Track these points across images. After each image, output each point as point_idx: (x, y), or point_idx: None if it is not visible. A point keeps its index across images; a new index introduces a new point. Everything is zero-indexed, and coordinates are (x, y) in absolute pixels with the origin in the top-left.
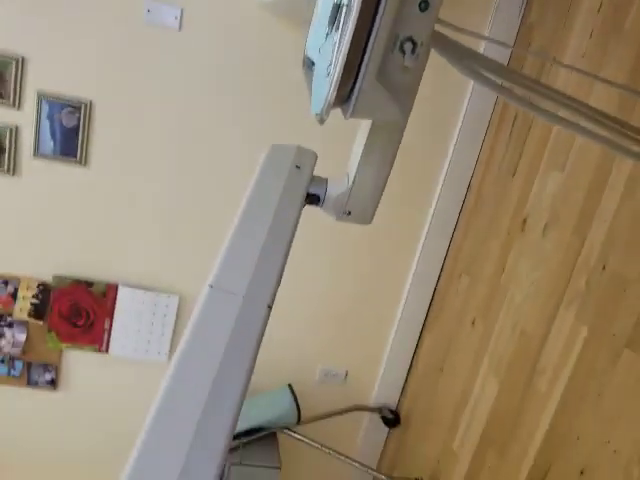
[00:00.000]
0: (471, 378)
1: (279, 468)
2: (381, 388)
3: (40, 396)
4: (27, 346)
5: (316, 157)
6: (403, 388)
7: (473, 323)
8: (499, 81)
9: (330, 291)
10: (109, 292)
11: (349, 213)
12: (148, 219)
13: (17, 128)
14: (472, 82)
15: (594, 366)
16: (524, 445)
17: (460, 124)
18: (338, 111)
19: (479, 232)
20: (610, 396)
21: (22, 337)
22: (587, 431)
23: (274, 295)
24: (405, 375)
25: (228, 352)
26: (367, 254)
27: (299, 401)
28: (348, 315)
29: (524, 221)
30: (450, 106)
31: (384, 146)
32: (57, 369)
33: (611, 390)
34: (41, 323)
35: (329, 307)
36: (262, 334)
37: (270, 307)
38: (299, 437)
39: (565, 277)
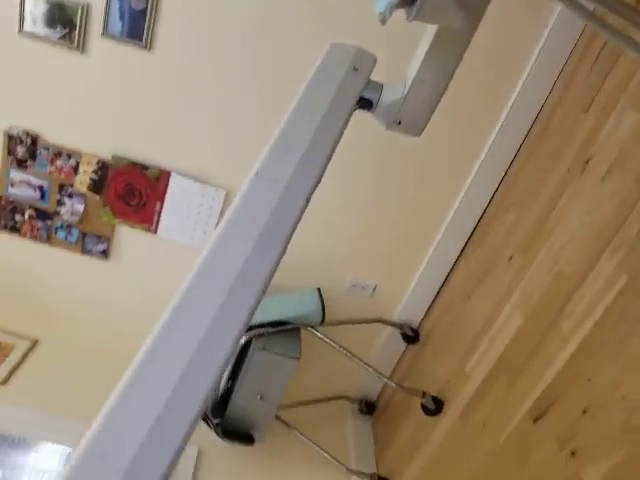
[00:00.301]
0: (497, 310)
1: (298, 359)
2: (406, 306)
3: (92, 264)
4: (84, 217)
5: (375, 61)
6: (428, 309)
7: (511, 258)
8: (590, 6)
9: (372, 202)
10: (162, 177)
11: (399, 122)
12: (207, 112)
13: (88, 5)
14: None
15: (624, 315)
16: (535, 379)
17: (540, 45)
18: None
19: (538, 166)
20: (632, 346)
21: (80, 208)
22: (599, 375)
23: (313, 189)
24: (432, 297)
25: (264, 232)
26: (416, 170)
27: (325, 304)
28: (386, 230)
29: (587, 162)
30: (532, 24)
31: (446, 55)
32: (109, 241)
33: (635, 340)
34: (98, 198)
35: (368, 219)
36: (297, 223)
37: (308, 200)
38: (320, 336)
39: (616, 224)
